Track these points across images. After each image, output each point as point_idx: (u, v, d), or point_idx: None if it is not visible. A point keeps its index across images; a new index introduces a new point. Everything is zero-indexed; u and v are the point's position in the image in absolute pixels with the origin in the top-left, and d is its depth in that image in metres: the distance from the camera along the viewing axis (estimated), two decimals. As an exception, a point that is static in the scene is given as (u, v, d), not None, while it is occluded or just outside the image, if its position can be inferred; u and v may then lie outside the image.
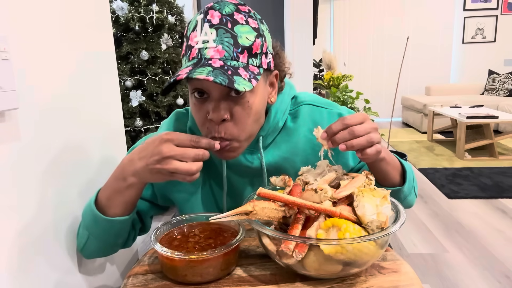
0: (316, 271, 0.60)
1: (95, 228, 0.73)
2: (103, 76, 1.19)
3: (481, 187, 3.15)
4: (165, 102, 2.35)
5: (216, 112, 0.65)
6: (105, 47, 1.21)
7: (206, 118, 0.67)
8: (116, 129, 1.27)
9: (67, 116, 0.99)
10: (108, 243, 0.76)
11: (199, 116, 0.69)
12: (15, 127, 0.80)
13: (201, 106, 0.67)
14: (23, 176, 0.83)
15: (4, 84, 0.73)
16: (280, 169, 0.80)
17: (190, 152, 0.60)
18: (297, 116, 0.81)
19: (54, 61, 0.94)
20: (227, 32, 0.63)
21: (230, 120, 0.66)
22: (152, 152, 0.61)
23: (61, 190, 0.96)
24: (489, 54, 6.04)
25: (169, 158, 0.60)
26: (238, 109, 0.66)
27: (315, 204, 0.60)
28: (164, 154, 0.60)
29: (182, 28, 2.60)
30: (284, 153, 0.80)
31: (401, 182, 0.77)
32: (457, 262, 2.09)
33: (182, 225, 0.73)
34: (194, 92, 0.67)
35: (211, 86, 0.65)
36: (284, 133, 0.80)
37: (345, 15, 6.15)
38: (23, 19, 0.82)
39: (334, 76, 3.68)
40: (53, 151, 0.93)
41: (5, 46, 0.74)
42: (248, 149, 0.78)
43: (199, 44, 0.64)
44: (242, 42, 0.64)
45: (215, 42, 0.63)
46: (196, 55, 0.64)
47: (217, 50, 0.63)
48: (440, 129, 4.91)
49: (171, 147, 0.60)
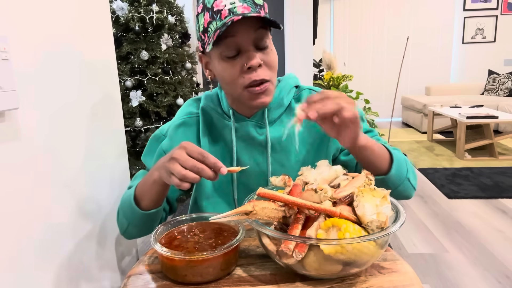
0: (316, 271, 0.60)
1: (132, 218, 0.83)
2: (103, 76, 1.19)
3: (481, 187, 3.15)
4: (165, 102, 2.34)
5: (255, 58, 0.76)
6: (105, 47, 1.21)
7: (241, 71, 0.77)
8: (116, 129, 1.27)
9: (67, 116, 0.99)
10: (145, 228, 0.85)
11: (233, 72, 0.78)
12: (15, 127, 0.80)
13: (234, 63, 0.77)
14: (23, 175, 0.83)
15: (4, 84, 0.73)
16: (283, 143, 0.88)
17: (190, 161, 0.67)
18: (300, 99, 0.91)
19: (54, 61, 0.94)
20: None
21: (263, 66, 0.78)
22: (170, 153, 0.70)
23: (61, 190, 0.96)
24: (489, 54, 6.04)
25: (174, 160, 0.68)
26: (266, 56, 0.78)
27: (315, 204, 0.60)
28: (173, 155, 0.68)
29: (182, 28, 2.60)
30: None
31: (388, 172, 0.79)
32: (457, 262, 2.09)
33: (182, 225, 0.73)
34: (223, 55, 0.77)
35: (244, 39, 0.75)
36: (288, 112, 0.89)
37: (345, 15, 6.15)
38: (23, 19, 0.82)
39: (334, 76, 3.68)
40: (53, 151, 0.93)
41: (5, 46, 0.74)
42: (257, 123, 0.87)
43: (228, 5, 0.75)
44: (258, 1, 0.78)
45: (240, 1, 0.76)
46: (228, 13, 0.75)
47: (244, 7, 0.75)
48: (440, 129, 4.91)
49: (181, 153, 0.68)
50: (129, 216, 0.83)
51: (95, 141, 1.13)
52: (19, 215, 0.81)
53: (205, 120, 0.90)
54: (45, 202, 0.90)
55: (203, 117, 0.90)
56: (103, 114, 1.19)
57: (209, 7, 0.77)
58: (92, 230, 1.11)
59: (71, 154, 1.01)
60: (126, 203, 0.84)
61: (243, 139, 0.88)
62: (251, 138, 0.87)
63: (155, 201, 0.80)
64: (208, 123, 0.90)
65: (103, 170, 1.17)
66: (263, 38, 0.77)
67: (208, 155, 0.68)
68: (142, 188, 0.80)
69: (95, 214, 1.12)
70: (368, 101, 3.21)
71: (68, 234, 0.99)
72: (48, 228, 0.91)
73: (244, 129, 0.87)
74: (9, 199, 0.78)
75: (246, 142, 0.88)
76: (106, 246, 1.19)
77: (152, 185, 0.76)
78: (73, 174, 1.01)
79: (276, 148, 0.88)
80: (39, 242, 0.87)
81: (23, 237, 0.82)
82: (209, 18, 0.77)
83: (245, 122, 0.87)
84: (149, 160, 0.93)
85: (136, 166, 2.30)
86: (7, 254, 0.78)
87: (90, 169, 1.10)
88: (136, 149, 2.34)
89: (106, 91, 1.21)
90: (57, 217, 0.94)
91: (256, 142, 0.87)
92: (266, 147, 0.87)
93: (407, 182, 0.83)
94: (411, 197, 0.87)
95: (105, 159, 1.19)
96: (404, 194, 0.85)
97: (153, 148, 0.92)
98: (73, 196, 1.01)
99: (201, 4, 0.79)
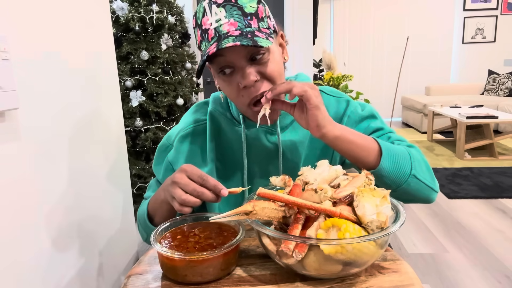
0: (316, 271, 0.60)
1: (149, 232, 0.81)
2: (103, 76, 1.19)
3: (481, 187, 3.15)
4: (165, 102, 2.35)
5: (247, 77, 0.72)
6: (105, 47, 1.21)
7: (238, 88, 0.74)
8: (116, 129, 1.27)
9: (67, 116, 0.98)
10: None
11: (230, 89, 0.75)
12: (15, 127, 0.80)
13: (230, 80, 0.74)
14: (23, 175, 0.83)
15: (4, 84, 0.73)
16: (294, 150, 0.85)
17: (191, 185, 0.67)
18: None
19: (54, 61, 0.94)
20: (233, 6, 0.71)
21: (261, 79, 0.74)
22: (171, 176, 0.71)
23: (61, 189, 0.96)
24: (489, 54, 6.04)
25: (175, 184, 0.68)
26: (264, 68, 0.74)
27: (315, 204, 0.60)
28: (174, 179, 0.69)
29: (182, 28, 2.60)
30: (299, 136, 0.85)
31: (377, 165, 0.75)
32: (457, 262, 2.09)
33: (182, 225, 0.73)
34: (220, 72, 0.74)
35: (234, 58, 0.72)
36: None
37: (345, 15, 6.15)
38: (23, 19, 0.82)
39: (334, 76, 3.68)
40: (53, 151, 0.93)
41: (5, 46, 0.74)
42: (268, 129, 0.84)
43: (213, 24, 0.71)
44: (248, 10, 0.72)
45: (226, 17, 0.71)
46: (214, 34, 0.71)
47: (230, 24, 0.71)
48: (440, 129, 4.91)
49: (181, 176, 0.68)
50: (146, 229, 0.84)
51: (95, 141, 1.13)
52: (19, 214, 0.81)
53: (213, 125, 0.87)
54: (45, 202, 0.90)
55: (211, 123, 0.87)
56: (103, 114, 1.19)
57: (199, 23, 0.74)
58: (92, 230, 1.11)
59: (71, 154, 1.01)
60: (141, 218, 0.84)
61: (254, 146, 0.85)
62: (262, 146, 0.84)
63: (166, 217, 0.78)
64: (216, 129, 0.87)
65: (103, 170, 1.17)
66: (258, 51, 0.72)
67: (208, 177, 0.68)
68: (154, 205, 0.81)
69: (95, 214, 1.12)
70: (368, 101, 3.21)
71: (68, 234, 0.99)
72: (48, 228, 0.91)
73: (255, 136, 0.84)
74: (9, 199, 0.78)
75: (257, 150, 0.85)
76: (106, 246, 1.19)
77: (161, 204, 0.77)
78: (73, 174, 1.01)
79: (288, 156, 0.85)
80: (38, 241, 0.87)
81: (23, 236, 0.82)
82: (199, 36, 0.75)
83: (256, 129, 0.83)
84: (158, 170, 0.91)
85: (136, 166, 2.30)
86: (7, 254, 0.78)
87: (90, 169, 1.10)
88: (136, 149, 2.34)
89: (106, 91, 1.21)
90: (57, 217, 0.94)
91: (267, 150, 0.84)
92: (278, 154, 0.84)
93: (416, 180, 0.76)
94: (431, 200, 0.80)
95: (105, 159, 1.19)
96: (420, 197, 0.78)
97: (161, 158, 0.91)
98: (73, 196, 1.01)
99: (194, 18, 0.77)
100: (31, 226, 0.85)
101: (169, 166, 0.88)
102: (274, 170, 0.85)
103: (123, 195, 1.29)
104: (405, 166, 0.76)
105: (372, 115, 0.88)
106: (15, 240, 0.80)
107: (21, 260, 0.82)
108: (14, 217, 0.80)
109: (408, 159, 0.77)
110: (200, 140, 0.87)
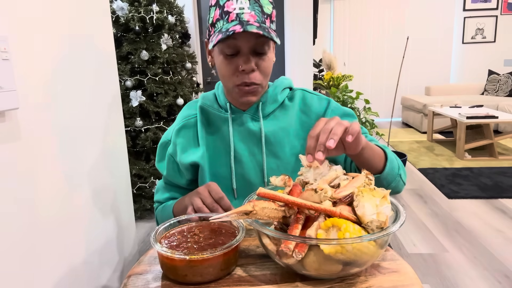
0: (316, 271, 0.60)
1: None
2: (103, 76, 1.19)
3: (481, 187, 3.15)
4: (165, 102, 2.35)
5: (248, 63, 0.82)
6: (105, 47, 1.21)
7: (235, 70, 0.84)
8: (116, 129, 1.27)
9: (67, 116, 0.99)
10: None
11: (228, 70, 0.85)
12: (15, 127, 0.80)
13: (230, 62, 0.84)
14: (23, 175, 0.83)
15: (4, 84, 0.73)
16: (277, 136, 0.93)
17: (209, 199, 0.80)
18: (293, 98, 0.98)
19: (54, 61, 0.94)
20: (256, 2, 0.81)
21: (257, 70, 0.84)
22: (196, 189, 0.83)
23: (61, 189, 0.96)
24: (489, 54, 6.05)
25: (198, 194, 0.81)
26: (262, 62, 0.84)
27: (315, 204, 0.60)
28: (198, 190, 0.82)
29: (182, 28, 2.60)
30: (281, 124, 0.94)
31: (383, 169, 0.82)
32: (457, 262, 2.09)
33: (182, 225, 0.73)
34: (224, 52, 0.83)
35: (244, 44, 0.81)
36: (282, 108, 0.96)
37: (345, 15, 6.15)
38: (23, 19, 0.82)
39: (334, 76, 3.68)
40: (53, 150, 0.93)
41: (5, 46, 0.74)
42: (252, 116, 0.93)
43: (237, 10, 0.80)
44: (266, 10, 0.83)
45: (249, 9, 0.80)
46: (235, 18, 0.80)
47: (251, 15, 0.80)
48: (440, 129, 4.91)
49: (204, 190, 0.81)
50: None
51: (95, 141, 1.13)
52: (19, 214, 0.81)
53: (203, 117, 0.96)
54: (45, 202, 0.90)
55: (200, 115, 0.95)
56: (103, 114, 1.19)
57: (221, 4, 0.82)
58: (92, 230, 1.11)
59: (71, 154, 1.01)
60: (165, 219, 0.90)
61: (240, 130, 0.93)
62: (247, 129, 0.93)
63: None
64: (206, 119, 0.96)
65: (103, 170, 1.17)
66: (263, 45, 0.82)
67: (224, 198, 0.79)
68: (178, 209, 0.91)
69: (95, 214, 1.12)
70: (368, 101, 3.21)
71: (68, 234, 0.99)
72: (48, 228, 0.91)
73: (240, 120, 0.93)
74: (9, 199, 0.78)
75: (242, 133, 0.93)
76: (106, 246, 1.19)
77: (184, 209, 0.86)
78: (73, 174, 1.01)
79: (271, 140, 0.93)
80: (38, 241, 0.87)
81: (23, 236, 0.82)
82: (218, 15, 0.82)
83: (241, 114, 0.93)
84: (162, 166, 0.99)
85: (136, 166, 2.30)
86: (8, 253, 0.78)
87: (90, 169, 1.10)
88: (136, 149, 2.34)
89: (106, 91, 1.21)
90: (57, 217, 0.94)
91: (251, 133, 0.93)
92: (261, 139, 0.92)
93: (399, 178, 0.85)
94: (400, 192, 0.91)
95: (105, 159, 1.19)
96: (395, 191, 0.87)
97: (163, 154, 0.98)
98: (73, 196, 1.01)
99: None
100: (31, 226, 0.85)
101: (170, 159, 0.96)
102: (258, 153, 0.93)
103: (123, 195, 1.29)
104: (395, 167, 0.84)
105: (352, 114, 0.95)
106: (15, 240, 0.80)
107: (20, 260, 0.82)
108: (14, 216, 0.80)
109: (396, 161, 0.85)
110: (192, 131, 0.96)
